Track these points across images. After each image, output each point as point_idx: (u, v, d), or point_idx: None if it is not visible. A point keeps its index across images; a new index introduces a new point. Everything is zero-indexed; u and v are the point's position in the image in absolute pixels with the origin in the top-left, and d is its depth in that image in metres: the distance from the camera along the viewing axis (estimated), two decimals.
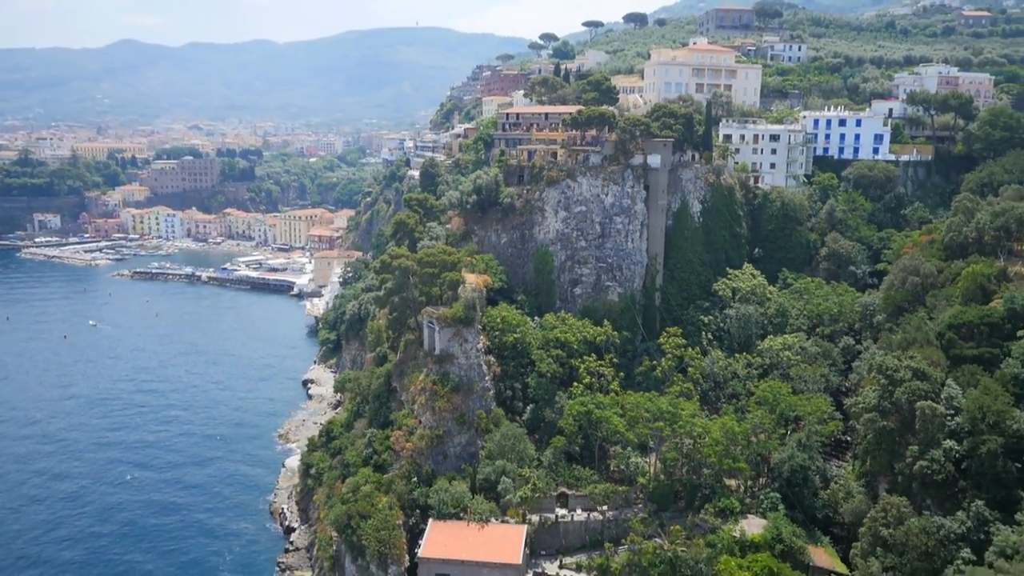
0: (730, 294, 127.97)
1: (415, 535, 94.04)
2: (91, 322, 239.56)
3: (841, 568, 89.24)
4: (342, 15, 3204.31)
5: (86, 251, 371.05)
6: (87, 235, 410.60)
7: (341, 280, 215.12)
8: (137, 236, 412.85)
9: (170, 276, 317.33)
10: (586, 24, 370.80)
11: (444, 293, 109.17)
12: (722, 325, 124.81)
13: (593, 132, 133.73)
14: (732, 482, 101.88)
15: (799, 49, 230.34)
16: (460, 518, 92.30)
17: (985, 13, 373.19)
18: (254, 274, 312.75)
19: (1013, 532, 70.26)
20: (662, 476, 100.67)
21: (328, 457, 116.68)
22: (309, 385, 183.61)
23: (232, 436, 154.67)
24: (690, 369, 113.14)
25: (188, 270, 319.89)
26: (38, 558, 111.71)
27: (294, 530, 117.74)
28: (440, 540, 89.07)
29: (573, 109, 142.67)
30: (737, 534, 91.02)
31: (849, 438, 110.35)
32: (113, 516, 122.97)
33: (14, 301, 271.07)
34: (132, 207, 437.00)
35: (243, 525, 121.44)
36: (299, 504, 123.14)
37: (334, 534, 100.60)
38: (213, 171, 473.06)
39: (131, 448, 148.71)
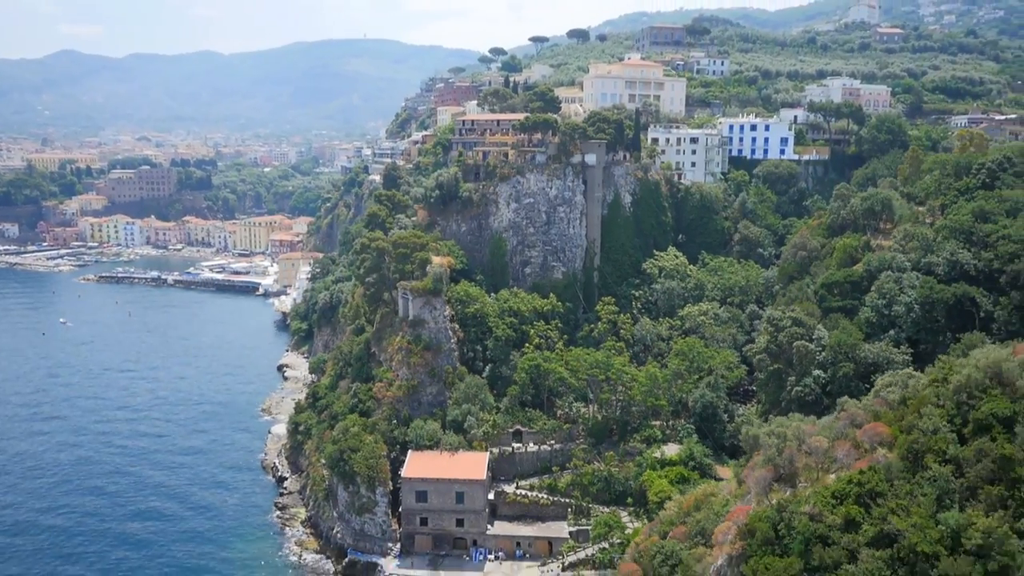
0: (657, 272, 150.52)
1: (396, 467, 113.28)
2: (61, 320, 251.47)
3: None
4: (288, 27, 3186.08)
5: (48, 258, 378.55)
6: (45, 243, 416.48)
7: (310, 276, 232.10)
8: (96, 244, 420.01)
9: (136, 280, 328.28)
10: (532, 39, 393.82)
11: (415, 270, 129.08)
12: (650, 297, 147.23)
13: (539, 135, 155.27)
14: (657, 422, 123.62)
15: (722, 64, 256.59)
16: (434, 449, 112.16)
17: (898, 30, 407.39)
18: (220, 276, 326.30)
19: None
20: (598, 416, 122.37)
21: (315, 415, 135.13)
22: (284, 369, 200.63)
23: (218, 411, 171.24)
24: (622, 331, 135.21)
25: (154, 274, 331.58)
26: (70, 506, 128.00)
27: (286, 479, 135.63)
28: (419, 464, 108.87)
29: (521, 116, 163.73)
30: (658, 455, 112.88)
31: (754, 388, 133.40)
32: (115, 475, 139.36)
33: None
34: (90, 216, 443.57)
35: (239, 478, 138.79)
36: (289, 458, 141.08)
37: (326, 472, 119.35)
38: (170, 180, 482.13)
39: (125, 421, 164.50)
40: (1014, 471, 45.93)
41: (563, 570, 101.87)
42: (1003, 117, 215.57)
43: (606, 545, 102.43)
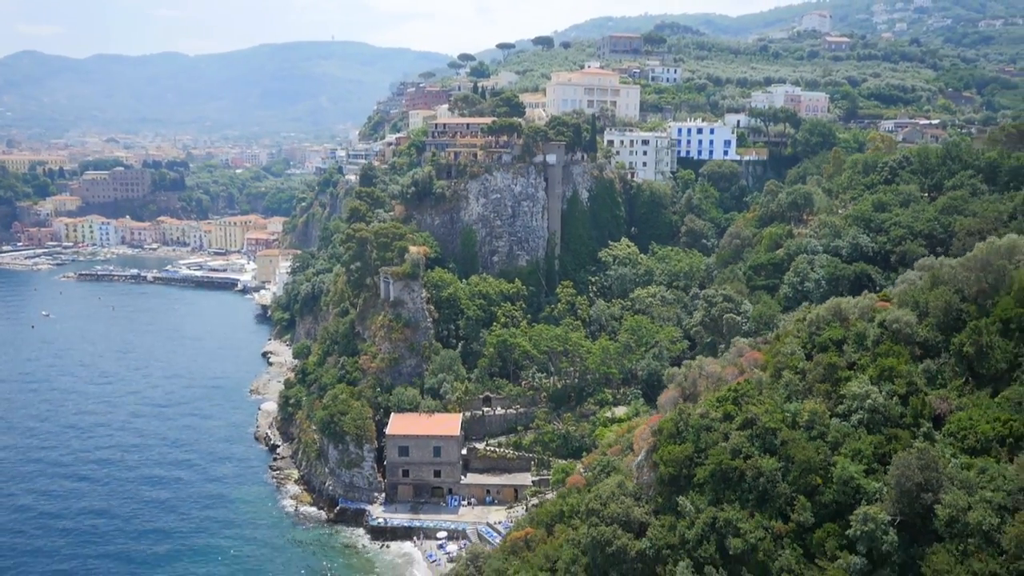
0: (611, 259, 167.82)
1: (380, 428, 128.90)
2: (43, 312, 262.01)
3: None
4: (255, 28, 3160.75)
5: (26, 257, 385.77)
6: (20, 243, 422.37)
7: (290, 270, 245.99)
8: (71, 244, 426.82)
9: (116, 277, 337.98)
10: (499, 46, 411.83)
11: (395, 257, 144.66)
12: (604, 282, 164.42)
13: (505, 138, 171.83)
14: (609, 389, 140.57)
15: (675, 72, 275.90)
16: (414, 411, 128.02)
17: (845, 39, 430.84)
18: (198, 273, 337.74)
19: None
20: (558, 384, 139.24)
21: (304, 388, 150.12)
22: (269, 355, 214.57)
23: (210, 392, 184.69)
24: (579, 311, 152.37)
25: (133, 271, 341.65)
26: (94, 460, 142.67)
27: (278, 447, 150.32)
28: (401, 424, 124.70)
29: (489, 120, 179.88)
30: (609, 415, 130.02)
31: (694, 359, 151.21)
32: (129, 436, 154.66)
33: None
34: (64, 216, 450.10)
35: (235, 447, 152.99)
36: (280, 429, 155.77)
37: (316, 435, 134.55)
38: (144, 182, 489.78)
39: (128, 395, 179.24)
40: (836, 374, 63.40)
41: (526, 511, 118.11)
42: (926, 122, 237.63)
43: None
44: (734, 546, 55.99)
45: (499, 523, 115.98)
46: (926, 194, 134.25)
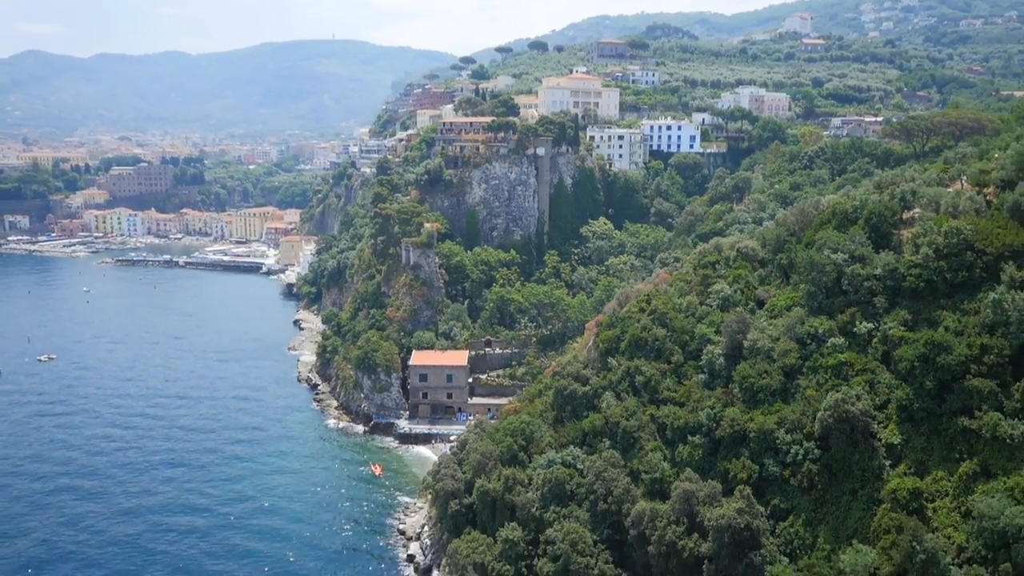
0: (591, 234, 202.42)
1: (403, 363, 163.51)
2: (84, 288, 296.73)
3: None
4: (255, 27, 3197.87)
5: (64, 246, 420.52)
6: (54, 234, 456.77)
7: (316, 251, 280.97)
8: (101, 234, 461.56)
9: (149, 262, 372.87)
10: (497, 49, 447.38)
11: (413, 231, 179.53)
12: (585, 253, 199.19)
13: (502, 134, 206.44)
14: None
15: (653, 75, 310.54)
16: (431, 349, 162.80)
17: (820, 41, 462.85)
18: (226, 258, 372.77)
19: None
20: (544, 330, 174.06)
21: (340, 339, 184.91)
22: (300, 322, 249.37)
23: (256, 349, 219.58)
24: (563, 275, 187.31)
25: (166, 257, 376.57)
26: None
27: (318, 385, 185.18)
28: (420, 357, 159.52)
29: (489, 119, 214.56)
30: None
31: None
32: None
33: (19, 283, 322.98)
34: (93, 209, 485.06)
35: (283, 388, 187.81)
36: (319, 372, 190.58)
37: (352, 372, 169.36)
38: (166, 176, 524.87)
39: (189, 354, 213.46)
40: (708, 280, 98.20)
41: None
42: (871, 119, 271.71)
43: None
44: (639, 381, 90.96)
45: None
46: (837, 177, 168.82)
